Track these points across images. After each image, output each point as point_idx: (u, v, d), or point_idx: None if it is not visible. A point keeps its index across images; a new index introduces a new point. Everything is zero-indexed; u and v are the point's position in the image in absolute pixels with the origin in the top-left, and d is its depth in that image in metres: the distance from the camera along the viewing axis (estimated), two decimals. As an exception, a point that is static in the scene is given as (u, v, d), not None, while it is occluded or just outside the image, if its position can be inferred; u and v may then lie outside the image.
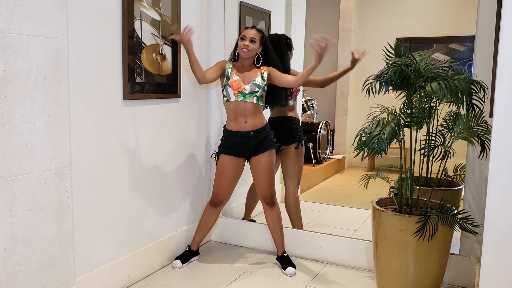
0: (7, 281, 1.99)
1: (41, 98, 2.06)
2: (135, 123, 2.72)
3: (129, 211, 2.73)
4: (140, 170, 2.79)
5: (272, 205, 3.01)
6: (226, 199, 3.06)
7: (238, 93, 2.85)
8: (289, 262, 3.03)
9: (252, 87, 2.85)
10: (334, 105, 6.09)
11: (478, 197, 2.68)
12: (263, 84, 2.88)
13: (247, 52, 2.84)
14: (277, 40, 3.25)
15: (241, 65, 2.93)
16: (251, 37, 2.84)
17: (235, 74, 2.89)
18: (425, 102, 2.43)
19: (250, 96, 2.86)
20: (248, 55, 2.86)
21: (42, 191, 2.10)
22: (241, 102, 2.86)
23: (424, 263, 2.38)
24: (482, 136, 2.36)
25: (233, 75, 2.89)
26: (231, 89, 2.86)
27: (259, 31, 2.89)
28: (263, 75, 2.90)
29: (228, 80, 2.88)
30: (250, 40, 2.84)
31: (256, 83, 2.86)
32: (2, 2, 1.87)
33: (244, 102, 2.86)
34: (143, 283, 2.81)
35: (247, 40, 2.84)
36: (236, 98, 2.86)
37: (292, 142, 3.35)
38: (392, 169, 2.89)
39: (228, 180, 2.98)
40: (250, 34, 2.85)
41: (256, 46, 2.87)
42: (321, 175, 5.39)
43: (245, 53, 2.85)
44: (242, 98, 2.85)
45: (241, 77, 2.89)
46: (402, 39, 5.14)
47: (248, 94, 2.85)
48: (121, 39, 2.55)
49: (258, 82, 2.86)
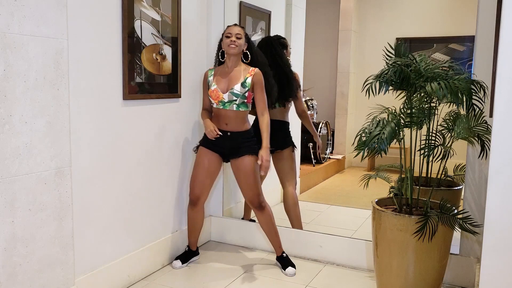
0: (7, 281, 1.99)
1: (41, 98, 2.06)
2: (135, 123, 2.72)
3: (129, 211, 2.73)
4: (140, 170, 2.79)
5: (261, 209, 2.98)
6: (203, 196, 3.01)
7: (219, 102, 2.87)
8: (289, 262, 3.03)
9: (230, 96, 2.85)
10: (334, 105, 6.09)
11: (478, 197, 2.68)
12: (242, 92, 2.85)
13: (235, 48, 2.83)
14: (270, 43, 3.27)
15: (226, 66, 2.91)
16: (237, 33, 2.84)
17: (214, 83, 2.90)
18: (425, 102, 2.43)
19: (229, 104, 2.86)
20: (237, 51, 2.85)
21: (42, 191, 2.10)
22: (222, 110, 2.89)
23: (424, 263, 2.38)
24: (482, 136, 2.36)
25: (212, 84, 2.90)
26: (212, 99, 2.90)
27: (242, 28, 2.90)
28: (246, 81, 2.86)
29: (208, 90, 2.91)
30: (236, 36, 2.84)
31: (234, 92, 2.84)
32: (2, 2, 1.87)
33: (224, 110, 2.88)
34: (143, 283, 2.81)
35: (233, 36, 2.83)
36: (217, 106, 2.89)
37: (286, 147, 3.37)
38: (392, 169, 2.89)
39: (203, 173, 2.95)
40: (235, 30, 2.85)
41: (242, 42, 2.86)
42: (321, 175, 5.39)
43: (233, 48, 2.83)
44: (222, 106, 2.88)
45: (222, 84, 2.88)
46: (402, 39, 5.14)
47: (228, 102, 2.86)
48: (121, 39, 2.55)
49: (236, 90, 2.84)
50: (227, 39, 2.84)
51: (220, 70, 2.93)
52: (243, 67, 2.91)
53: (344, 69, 5.98)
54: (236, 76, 2.88)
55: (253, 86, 2.87)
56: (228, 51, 2.86)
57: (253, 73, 2.88)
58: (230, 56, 2.88)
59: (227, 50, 2.86)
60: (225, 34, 2.87)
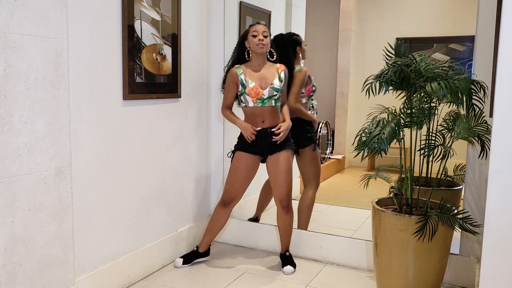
0: (7, 281, 1.99)
1: (41, 98, 2.06)
2: (135, 123, 2.72)
3: (129, 211, 2.73)
4: (140, 170, 2.79)
5: (287, 210, 2.95)
6: (238, 198, 3.01)
7: (257, 100, 2.84)
8: (289, 261, 3.02)
9: (271, 91, 2.84)
10: (334, 105, 6.09)
11: (478, 197, 2.68)
12: (281, 86, 2.86)
13: (263, 47, 2.82)
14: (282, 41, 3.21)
15: (255, 64, 2.89)
16: (263, 31, 2.83)
17: (250, 80, 2.85)
18: (425, 102, 2.43)
19: (268, 100, 2.85)
20: (265, 50, 2.85)
21: (42, 191, 2.10)
22: (258, 107, 2.86)
23: (424, 263, 2.38)
24: (482, 136, 2.36)
25: (248, 82, 2.85)
26: (250, 97, 2.85)
27: (265, 25, 2.90)
28: (280, 76, 2.87)
29: (245, 89, 2.85)
30: (263, 35, 2.82)
31: (275, 87, 2.84)
32: (2, 2, 1.87)
33: (262, 107, 2.85)
34: (143, 283, 2.81)
35: (260, 35, 2.81)
36: (255, 104, 2.85)
37: (308, 145, 3.28)
38: (392, 169, 2.89)
39: (242, 178, 2.94)
40: (262, 28, 2.83)
41: (269, 40, 2.86)
42: (321, 175, 5.38)
43: (261, 48, 2.82)
44: (261, 104, 2.85)
45: (258, 81, 2.85)
46: (402, 39, 5.15)
47: (267, 98, 2.84)
48: (121, 39, 2.55)
49: (276, 85, 2.84)
50: (255, 38, 2.82)
51: (249, 69, 2.90)
52: (270, 64, 2.92)
53: (344, 69, 5.98)
54: (271, 72, 2.88)
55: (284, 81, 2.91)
56: (256, 51, 2.84)
57: (282, 68, 2.91)
58: (258, 55, 2.87)
59: (256, 49, 2.84)
60: (251, 33, 2.84)
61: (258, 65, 2.89)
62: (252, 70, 2.89)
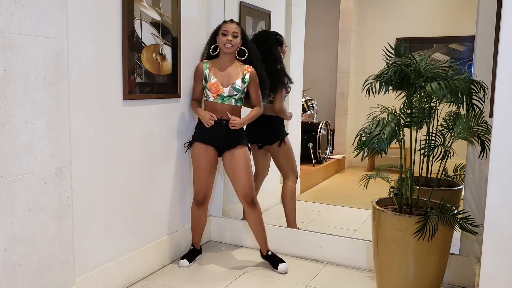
0: (7, 281, 1.99)
1: (41, 98, 2.06)
2: (135, 123, 2.72)
3: (129, 211, 2.73)
4: (140, 170, 2.79)
5: (254, 205, 2.95)
6: (209, 195, 3.01)
7: (217, 96, 2.86)
8: (278, 259, 3.00)
9: (231, 90, 2.86)
10: (334, 105, 6.09)
11: (478, 197, 2.68)
12: (243, 87, 2.88)
13: (230, 48, 2.83)
14: (266, 38, 3.26)
15: (222, 61, 2.90)
16: (233, 32, 2.82)
17: (213, 76, 2.87)
18: (425, 102, 2.43)
19: (228, 98, 2.87)
20: (232, 50, 2.85)
21: (42, 191, 2.10)
22: (218, 104, 2.88)
23: (424, 263, 2.38)
24: (482, 136, 2.36)
25: (211, 77, 2.87)
26: (210, 92, 2.87)
27: (238, 24, 2.89)
28: (245, 77, 2.88)
29: (206, 83, 2.88)
30: (233, 35, 2.82)
31: (235, 87, 2.85)
32: (2, 2, 1.87)
33: (222, 104, 2.88)
34: (143, 283, 2.81)
35: (230, 35, 2.81)
36: (215, 100, 2.88)
37: (276, 141, 3.34)
38: (392, 169, 2.89)
39: (206, 171, 2.92)
40: (232, 28, 2.83)
41: (238, 40, 2.85)
42: (321, 175, 5.39)
43: (228, 48, 2.83)
44: (220, 101, 2.87)
45: (220, 77, 2.87)
46: (402, 39, 5.14)
47: (227, 97, 2.86)
48: (121, 39, 2.55)
49: (237, 85, 2.86)
50: (224, 37, 2.83)
51: (216, 64, 2.91)
52: (238, 64, 2.92)
53: (344, 69, 5.98)
54: (235, 72, 2.88)
55: (250, 83, 2.91)
56: (224, 50, 2.85)
57: (249, 70, 2.90)
58: (226, 54, 2.88)
59: (223, 49, 2.85)
60: (222, 31, 2.84)
61: (225, 63, 2.89)
62: (218, 68, 2.90)
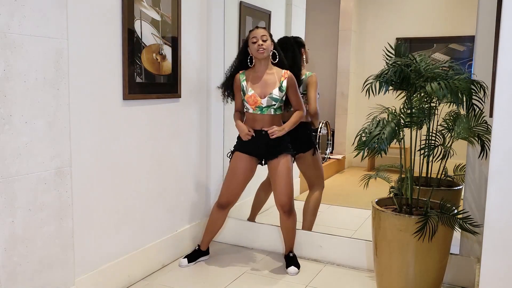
0: (7, 281, 1.99)
1: (41, 98, 2.06)
2: (135, 123, 2.72)
3: (129, 211, 2.73)
4: (140, 170, 2.79)
5: (290, 214, 2.94)
6: (234, 201, 3.01)
7: (256, 107, 2.85)
8: (294, 261, 3.02)
9: (269, 101, 2.83)
10: (334, 105, 6.09)
11: (478, 197, 2.68)
12: (281, 96, 2.85)
13: (263, 52, 2.80)
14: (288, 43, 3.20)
15: (258, 70, 2.88)
16: (262, 35, 2.81)
17: (250, 88, 2.86)
18: (425, 102, 2.44)
19: (267, 109, 2.85)
20: (266, 55, 2.83)
21: (42, 191, 2.10)
22: (258, 114, 2.86)
23: (424, 263, 2.38)
24: (482, 136, 2.36)
25: (248, 90, 2.86)
26: (248, 104, 2.87)
27: (265, 28, 2.88)
28: (282, 85, 2.84)
29: (244, 96, 2.87)
30: (262, 39, 2.80)
31: (273, 97, 2.83)
32: (2, 2, 1.87)
33: (261, 114, 2.86)
34: (143, 283, 2.81)
35: (259, 40, 2.80)
36: (254, 111, 2.87)
37: (307, 149, 3.28)
38: (392, 169, 2.89)
39: (239, 180, 2.94)
40: (260, 33, 2.81)
41: (269, 43, 2.83)
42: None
43: (261, 53, 2.80)
44: (260, 112, 2.85)
45: (257, 89, 2.85)
46: (402, 39, 5.15)
47: (265, 107, 2.85)
48: (121, 39, 2.55)
49: (275, 95, 2.83)
50: (254, 45, 2.80)
51: (252, 75, 2.89)
52: (275, 70, 2.89)
53: (344, 69, 5.98)
54: (272, 80, 2.86)
55: (288, 88, 2.87)
56: (257, 56, 2.83)
57: (286, 75, 2.87)
58: (261, 60, 2.85)
59: (257, 55, 2.82)
60: (251, 39, 2.83)
61: (261, 71, 2.88)
62: (255, 76, 2.88)
